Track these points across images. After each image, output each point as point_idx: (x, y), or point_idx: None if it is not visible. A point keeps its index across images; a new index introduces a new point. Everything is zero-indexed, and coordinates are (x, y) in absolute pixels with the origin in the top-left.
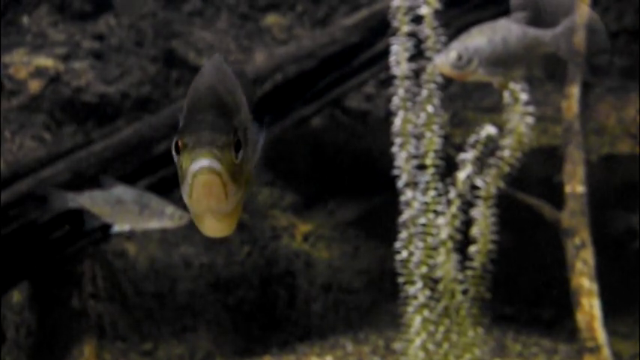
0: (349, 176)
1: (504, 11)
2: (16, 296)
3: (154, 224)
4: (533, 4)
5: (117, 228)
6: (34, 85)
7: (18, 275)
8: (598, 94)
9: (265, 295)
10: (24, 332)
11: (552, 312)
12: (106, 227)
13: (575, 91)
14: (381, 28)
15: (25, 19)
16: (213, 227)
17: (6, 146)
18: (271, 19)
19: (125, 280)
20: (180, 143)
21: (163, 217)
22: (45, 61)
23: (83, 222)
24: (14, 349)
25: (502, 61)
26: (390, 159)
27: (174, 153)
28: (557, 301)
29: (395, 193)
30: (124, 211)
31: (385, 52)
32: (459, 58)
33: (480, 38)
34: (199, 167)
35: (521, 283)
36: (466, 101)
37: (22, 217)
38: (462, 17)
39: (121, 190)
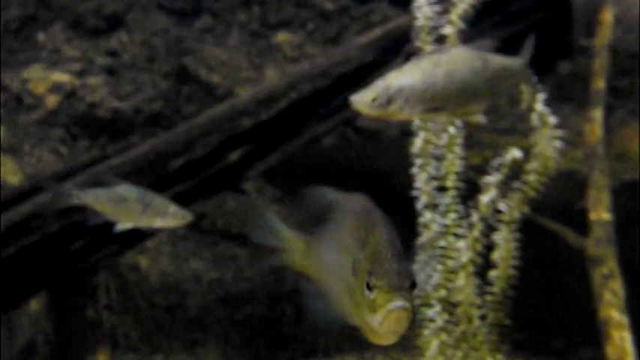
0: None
1: (522, 30)
2: (34, 305)
3: (157, 223)
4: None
5: (120, 226)
6: (52, 100)
7: (37, 285)
8: (620, 117)
9: (272, 311)
10: (40, 340)
11: (563, 341)
12: (122, 240)
13: (598, 114)
14: (395, 46)
15: (40, 36)
16: (390, 340)
17: (25, 159)
18: (282, 36)
19: (137, 293)
20: (373, 284)
21: (166, 216)
22: (61, 77)
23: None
24: (30, 357)
25: (445, 97)
26: (401, 179)
27: (366, 290)
28: (569, 329)
29: (406, 214)
30: (127, 210)
31: None
32: (374, 98)
33: (412, 74)
34: (395, 306)
35: (531, 310)
36: None
37: (43, 228)
38: (478, 37)
39: (125, 189)
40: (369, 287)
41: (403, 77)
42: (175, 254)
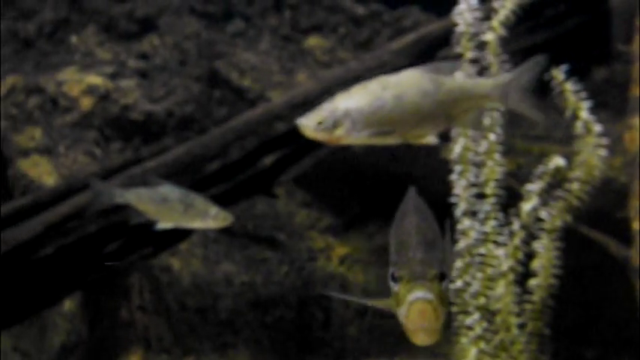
0: (390, 200)
1: (558, 35)
2: (68, 305)
3: (198, 224)
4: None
5: (161, 225)
6: (86, 103)
7: (73, 285)
8: None
9: (302, 315)
10: (74, 339)
11: (597, 351)
12: (157, 242)
13: (637, 122)
14: (428, 52)
15: (73, 39)
16: (424, 339)
17: (60, 161)
18: (313, 41)
19: (170, 295)
20: (397, 275)
21: (207, 218)
22: (95, 80)
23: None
24: (64, 356)
25: (394, 120)
26: (432, 184)
27: (391, 282)
28: (603, 339)
29: (438, 219)
30: (169, 209)
31: None
32: (320, 121)
33: (359, 97)
34: (415, 298)
35: (563, 319)
36: (514, 129)
37: (80, 229)
38: (512, 43)
39: (167, 189)
40: (394, 278)
41: (350, 100)
42: (207, 257)
